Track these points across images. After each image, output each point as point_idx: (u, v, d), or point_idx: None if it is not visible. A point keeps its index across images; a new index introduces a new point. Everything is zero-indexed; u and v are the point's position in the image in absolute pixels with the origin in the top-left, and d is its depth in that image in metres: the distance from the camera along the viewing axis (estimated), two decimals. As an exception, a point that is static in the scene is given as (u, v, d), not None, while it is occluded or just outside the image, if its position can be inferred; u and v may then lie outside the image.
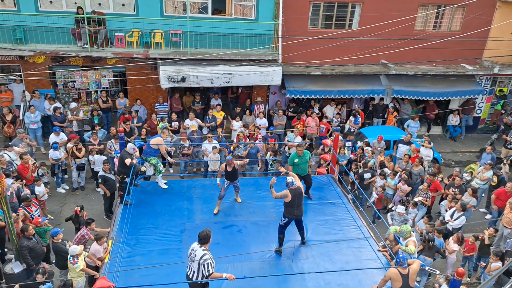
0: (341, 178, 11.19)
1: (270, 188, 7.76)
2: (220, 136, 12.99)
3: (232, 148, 12.59)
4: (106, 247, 8.34)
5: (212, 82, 13.54)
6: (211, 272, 6.17)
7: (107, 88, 14.48)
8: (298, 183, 7.98)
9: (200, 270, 6.20)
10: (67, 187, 12.41)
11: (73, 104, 13.81)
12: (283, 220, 7.90)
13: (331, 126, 14.59)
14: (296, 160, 9.50)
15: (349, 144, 13.25)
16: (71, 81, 14.25)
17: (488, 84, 16.15)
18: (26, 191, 10.06)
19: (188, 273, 6.42)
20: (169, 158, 10.44)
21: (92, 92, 14.57)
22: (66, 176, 12.52)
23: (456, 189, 11.06)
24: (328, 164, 11.29)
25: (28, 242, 8.23)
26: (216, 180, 9.47)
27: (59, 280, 8.41)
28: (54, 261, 8.80)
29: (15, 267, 8.50)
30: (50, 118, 13.60)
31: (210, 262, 6.19)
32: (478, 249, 9.61)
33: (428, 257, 9.09)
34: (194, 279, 6.28)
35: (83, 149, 12.07)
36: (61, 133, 12.35)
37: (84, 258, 7.97)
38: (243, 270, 7.61)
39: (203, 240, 6.31)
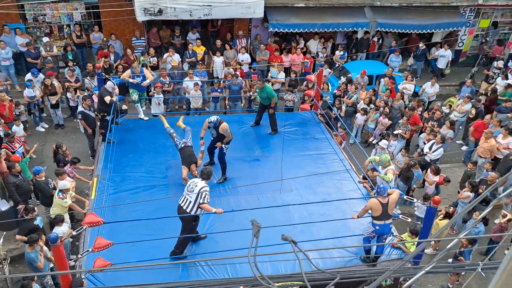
0: (324, 113, 11.24)
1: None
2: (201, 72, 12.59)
3: (216, 86, 12.29)
4: (70, 181, 8.33)
5: (190, 15, 12.95)
6: (205, 202, 6.53)
7: (80, 21, 13.72)
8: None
9: (197, 200, 6.50)
10: (46, 126, 12.15)
11: (45, 39, 13.12)
12: (227, 148, 8.52)
13: (315, 61, 14.38)
14: (256, 92, 10.22)
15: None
16: (42, 15, 13.42)
17: (471, 15, 15.93)
18: (4, 130, 9.82)
19: (182, 204, 6.60)
20: (131, 80, 9.88)
21: (65, 26, 13.81)
22: (44, 114, 12.21)
23: (435, 123, 11.30)
24: (312, 100, 11.26)
25: (15, 179, 8.24)
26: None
27: (46, 217, 8.51)
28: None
29: (1, 205, 8.54)
30: (23, 54, 12.96)
31: (208, 195, 6.58)
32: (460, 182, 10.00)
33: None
34: (188, 210, 6.51)
35: (58, 85, 11.61)
36: (40, 75, 11.79)
37: (71, 196, 8.02)
38: (229, 204, 7.82)
39: (206, 175, 6.80)
